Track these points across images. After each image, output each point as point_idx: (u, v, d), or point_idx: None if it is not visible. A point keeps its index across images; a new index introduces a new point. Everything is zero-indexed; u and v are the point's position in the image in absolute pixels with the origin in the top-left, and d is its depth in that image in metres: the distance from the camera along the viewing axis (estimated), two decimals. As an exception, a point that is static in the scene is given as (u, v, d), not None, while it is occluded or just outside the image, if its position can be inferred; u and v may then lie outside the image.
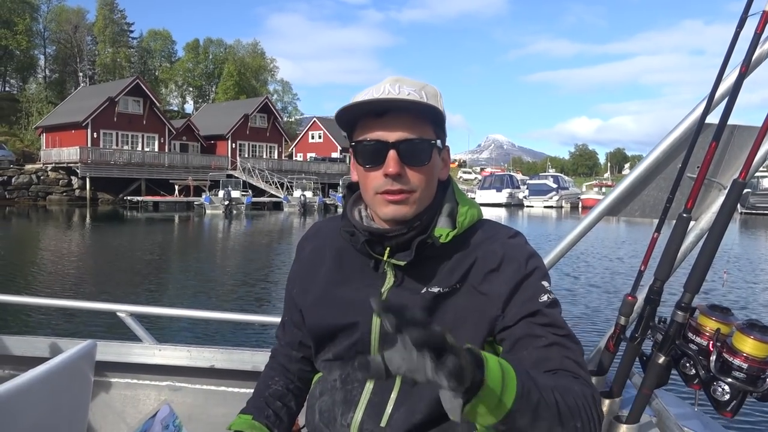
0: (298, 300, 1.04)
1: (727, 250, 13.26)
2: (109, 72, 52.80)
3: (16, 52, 47.39)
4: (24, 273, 9.69)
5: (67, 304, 1.92)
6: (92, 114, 33.28)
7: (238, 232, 20.07)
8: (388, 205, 0.88)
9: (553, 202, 39.88)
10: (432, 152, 0.88)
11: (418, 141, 0.86)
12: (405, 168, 0.86)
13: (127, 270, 10.26)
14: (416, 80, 0.92)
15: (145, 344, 1.65)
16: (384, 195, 0.88)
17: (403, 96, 0.86)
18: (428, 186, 0.89)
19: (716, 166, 1.25)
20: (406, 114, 0.86)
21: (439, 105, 0.89)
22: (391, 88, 0.87)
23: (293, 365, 1.07)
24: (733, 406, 1.04)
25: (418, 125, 0.87)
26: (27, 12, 47.06)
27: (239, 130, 40.92)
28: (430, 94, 0.89)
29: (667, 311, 1.12)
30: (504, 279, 0.89)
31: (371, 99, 0.86)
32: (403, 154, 0.85)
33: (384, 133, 0.86)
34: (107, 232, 18.58)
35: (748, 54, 1.07)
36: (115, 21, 55.68)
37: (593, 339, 1.65)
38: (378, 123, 0.86)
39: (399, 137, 0.85)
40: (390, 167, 0.85)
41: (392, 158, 0.85)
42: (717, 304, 1.11)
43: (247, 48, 64.02)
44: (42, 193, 30.61)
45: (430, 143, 0.88)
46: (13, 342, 1.66)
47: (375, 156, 0.87)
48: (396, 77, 0.91)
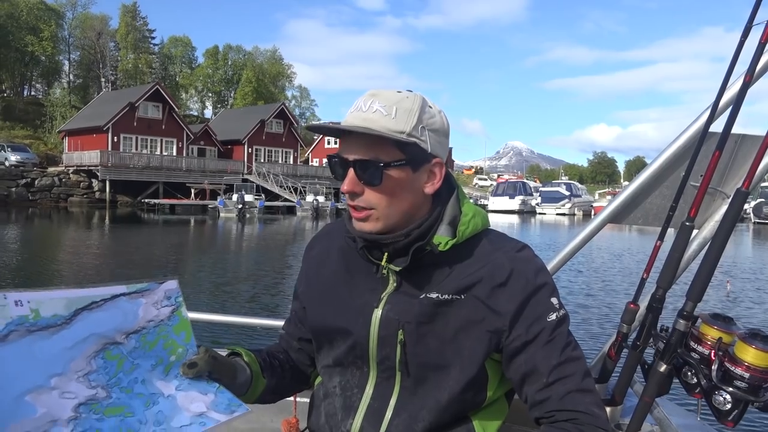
0: (303, 297, 1.06)
1: (732, 257, 12.98)
2: (130, 77, 53.85)
3: (42, 58, 48.61)
4: (40, 271, 9.91)
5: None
6: (113, 119, 33.98)
7: (249, 235, 20.28)
8: (354, 221, 0.92)
9: (565, 209, 39.73)
10: (383, 173, 0.87)
11: (368, 162, 0.87)
12: (363, 187, 0.89)
13: (140, 271, 10.43)
14: (397, 93, 0.89)
15: None
16: (352, 210, 0.91)
17: (369, 114, 0.86)
18: (390, 204, 0.89)
19: (720, 174, 1.24)
20: (363, 136, 0.87)
21: (408, 122, 0.87)
22: (363, 104, 0.88)
23: (293, 353, 1.10)
24: (735, 416, 1.03)
25: (377, 146, 0.87)
26: (53, 19, 48.29)
27: (255, 136, 41.38)
28: (402, 109, 0.87)
29: (669, 320, 1.12)
30: (511, 294, 0.89)
31: (330, 126, 0.92)
32: (358, 174, 0.88)
33: (346, 152, 0.89)
34: (124, 234, 18.90)
35: (752, 63, 1.07)
36: (137, 28, 56.79)
37: (595, 346, 1.64)
38: (344, 140, 0.90)
39: (356, 156, 0.88)
40: (345, 185, 0.89)
41: (349, 176, 0.88)
42: (719, 313, 1.10)
43: (266, 54, 64.85)
44: (63, 195, 31.28)
45: (380, 165, 0.87)
46: None
47: (340, 172, 0.91)
48: (373, 92, 0.90)
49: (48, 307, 0.72)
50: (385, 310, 0.91)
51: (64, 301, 0.74)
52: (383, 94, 0.89)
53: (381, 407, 0.91)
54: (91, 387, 0.72)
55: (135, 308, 0.79)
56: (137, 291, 0.81)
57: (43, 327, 0.71)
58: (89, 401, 0.71)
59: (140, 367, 0.78)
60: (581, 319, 6.70)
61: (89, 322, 0.75)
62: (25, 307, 0.70)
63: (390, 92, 0.89)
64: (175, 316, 0.83)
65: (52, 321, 0.72)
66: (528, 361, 0.88)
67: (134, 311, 0.79)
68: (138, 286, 0.81)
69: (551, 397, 0.86)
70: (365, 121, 0.86)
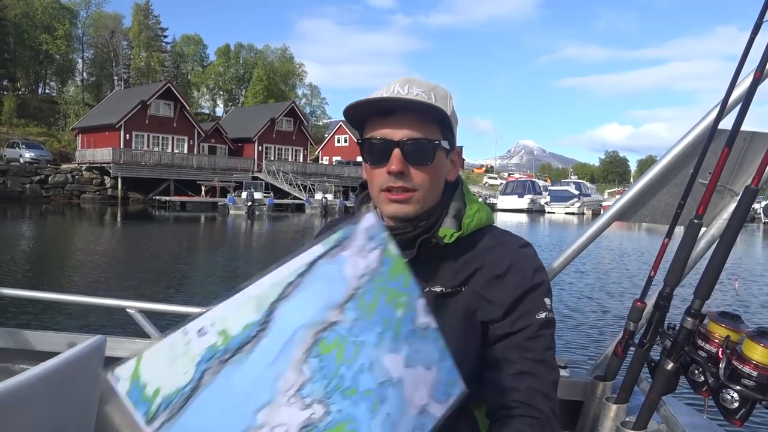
0: None
1: (741, 256, 12.80)
2: (143, 75, 54.34)
3: (56, 56, 49.24)
4: (52, 267, 10.05)
5: (77, 299, 1.88)
6: (125, 116, 34.34)
7: (257, 232, 20.41)
8: (391, 204, 0.89)
9: (574, 208, 39.56)
10: (436, 152, 0.89)
11: (422, 141, 0.87)
12: (409, 167, 0.87)
13: (148, 267, 10.53)
14: (428, 81, 0.91)
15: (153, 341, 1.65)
16: (387, 193, 0.89)
17: (411, 96, 0.87)
18: (432, 186, 0.90)
19: (729, 172, 1.23)
20: (413, 114, 0.87)
21: (447, 107, 0.90)
22: (401, 89, 0.88)
23: None
24: (742, 414, 1.02)
25: (424, 125, 0.88)
26: (67, 18, 48.88)
27: (266, 134, 41.57)
28: (439, 95, 0.90)
29: (676, 318, 1.11)
30: (507, 287, 0.89)
31: (379, 97, 0.87)
32: (407, 153, 0.86)
33: (390, 132, 0.87)
34: (135, 230, 19.11)
35: (762, 60, 1.06)
36: (150, 26, 57.29)
37: (601, 344, 1.63)
38: (385, 121, 0.88)
39: (404, 136, 0.86)
40: (393, 165, 0.86)
41: (396, 156, 0.86)
42: (727, 311, 1.10)
43: (276, 53, 65.08)
44: (76, 192, 31.66)
45: (434, 144, 0.88)
46: (23, 336, 1.67)
47: (380, 154, 0.88)
48: (407, 78, 0.91)
49: (236, 320, 0.55)
50: None
51: (253, 302, 0.56)
52: (417, 81, 0.91)
53: None
54: (304, 407, 0.55)
55: (339, 267, 0.61)
56: (335, 245, 0.61)
57: (236, 349, 0.55)
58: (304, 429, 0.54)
59: (366, 345, 0.59)
60: (587, 317, 6.66)
61: (290, 313, 0.57)
62: (210, 334, 0.55)
63: (421, 80, 0.91)
64: (386, 258, 0.63)
65: (245, 336, 0.55)
66: (506, 349, 0.88)
67: (340, 272, 0.60)
68: (334, 237, 0.61)
69: (519, 387, 0.85)
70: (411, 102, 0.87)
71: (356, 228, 0.63)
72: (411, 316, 0.63)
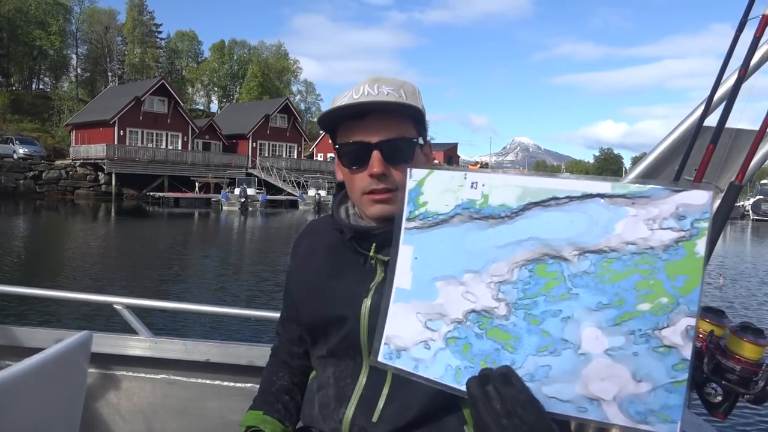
0: (294, 295, 1.06)
1: (728, 252, 12.89)
2: (137, 71, 54.03)
3: (50, 52, 48.82)
4: (43, 263, 10.00)
5: (64, 295, 1.86)
6: (119, 112, 34.14)
7: (249, 228, 20.45)
8: (375, 205, 0.90)
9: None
10: (414, 150, 0.90)
11: (399, 140, 0.88)
12: (389, 167, 0.88)
13: (139, 263, 10.50)
14: (394, 78, 0.93)
15: (141, 337, 1.63)
16: (370, 195, 0.90)
17: (381, 97, 0.87)
18: None
19: (714, 169, 1.24)
20: (387, 114, 0.87)
21: (418, 103, 0.91)
22: (370, 89, 0.88)
23: (295, 361, 1.09)
24: (725, 408, 1.04)
25: (399, 124, 0.88)
26: (61, 13, 48.47)
27: (260, 130, 41.45)
28: (408, 92, 0.90)
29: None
30: None
31: (353, 103, 0.87)
32: (386, 154, 0.87)
33: (366, 135, 0.87)
34: (128, 226, 19.04)
35: (747, 57, 1.07)
36: (144, 22, 56.91)
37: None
38: (359, 125, 0.88)
39: (381, 138, 0.87)
40: (375, 167, 0.87)
41: (376, 158, 0.87)
42: (711, 306, 1.11)
43: (271, 49, 64.89)
44: (70, 188, 31.48)
45: (412, 141, 0.89)
46: (9, 332, 1.66)
47: (359, 157, 0.88)
48: (375, 77, 0.91)
49: (499, 195, 0.62)
50: (374, 300, 0.92)
51: (520, 190, 0.61)
52: (386, 79, 0.91)
53: (373, 396, 0.92)
54: (495, 298, 0.61)
55: (613, 218, 0.56)
56: (628, 194, 0.56)
57: (485, 216, 0.63)
58: (483, 312, 0.62)
59: (578, 300, 0.57)
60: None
61: (538, 222, 0.59)
62: (478, 191, 0.64)
63: (388, 78, 0.92)
64: (681, 248, 0.54)
65: (497, 211, 0.62)
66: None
67: (609, 222, 0.56)
68: (633, 188, 0.56)
69: None
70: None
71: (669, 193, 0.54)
72: (656, 322, 0.54)
